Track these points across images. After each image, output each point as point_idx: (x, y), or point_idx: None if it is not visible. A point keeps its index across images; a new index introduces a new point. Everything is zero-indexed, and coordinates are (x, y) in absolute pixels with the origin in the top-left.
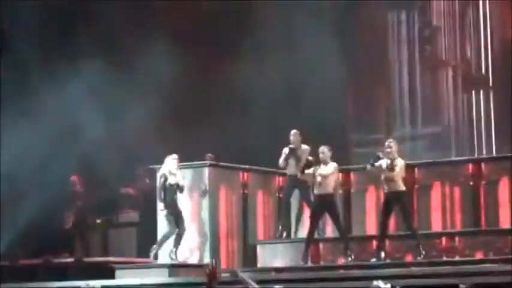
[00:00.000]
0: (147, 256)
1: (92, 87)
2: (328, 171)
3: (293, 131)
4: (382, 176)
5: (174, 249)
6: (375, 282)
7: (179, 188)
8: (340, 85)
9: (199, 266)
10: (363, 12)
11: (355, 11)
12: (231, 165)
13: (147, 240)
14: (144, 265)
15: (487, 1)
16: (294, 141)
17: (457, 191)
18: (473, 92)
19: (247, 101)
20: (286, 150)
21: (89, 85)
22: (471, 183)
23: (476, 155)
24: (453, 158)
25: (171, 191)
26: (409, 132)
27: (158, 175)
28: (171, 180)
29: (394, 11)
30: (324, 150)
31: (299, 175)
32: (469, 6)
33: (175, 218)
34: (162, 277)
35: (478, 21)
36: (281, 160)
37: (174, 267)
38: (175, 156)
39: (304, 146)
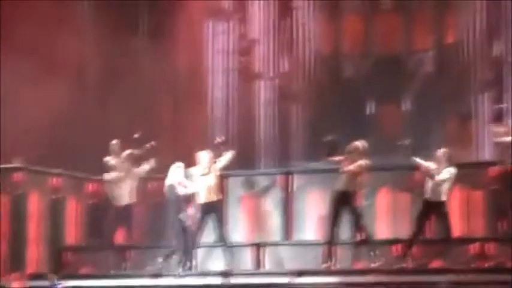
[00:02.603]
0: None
1: None
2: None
3: (114, 141)
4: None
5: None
6: None
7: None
8: (158, 94)
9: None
10: (180, 21)
11: (173, 18)
12: (41, 169)
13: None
14: None
15: (304, 15)
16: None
17: (269, 201)
18: (288, 104)
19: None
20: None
21: None
22: (281, 194)
23: (288, 167)
24: (264, 170)
25: (179, 203)
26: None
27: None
28: (180, 190)
29: (212, 21)
30: (206, 156)
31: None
32: (286, 19)
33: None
34: None
35: (293, 35)
36: None
37: None
38: (180, 164)
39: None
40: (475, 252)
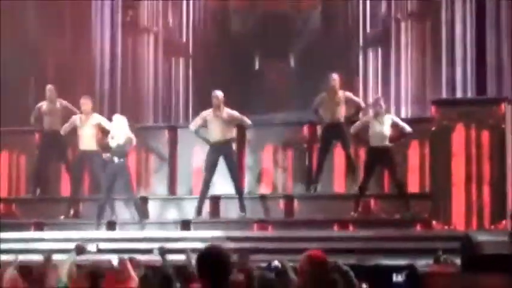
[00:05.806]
0: None
1: None
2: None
3: (48, 86)
4: None
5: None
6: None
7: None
8: (44, 44)
9: None
10: None
11: None
12: None
13: None
14: None
15: None
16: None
17: (151, 158)
18: (174, 59)
19: None
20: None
21: None
22: (167, 149)
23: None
24: (151, 124)
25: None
26: (107, 96)
27: None
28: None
29: None
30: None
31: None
32: None
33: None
34: None
35: None
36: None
37: None
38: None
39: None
40: None
